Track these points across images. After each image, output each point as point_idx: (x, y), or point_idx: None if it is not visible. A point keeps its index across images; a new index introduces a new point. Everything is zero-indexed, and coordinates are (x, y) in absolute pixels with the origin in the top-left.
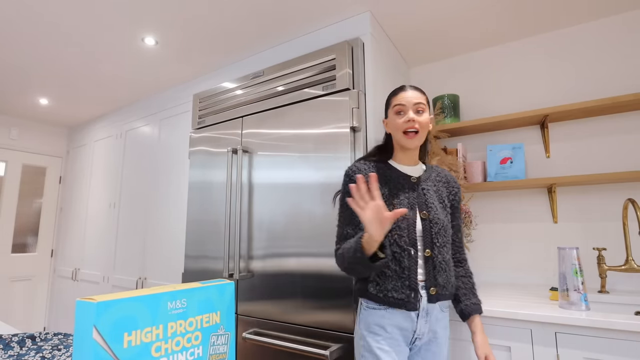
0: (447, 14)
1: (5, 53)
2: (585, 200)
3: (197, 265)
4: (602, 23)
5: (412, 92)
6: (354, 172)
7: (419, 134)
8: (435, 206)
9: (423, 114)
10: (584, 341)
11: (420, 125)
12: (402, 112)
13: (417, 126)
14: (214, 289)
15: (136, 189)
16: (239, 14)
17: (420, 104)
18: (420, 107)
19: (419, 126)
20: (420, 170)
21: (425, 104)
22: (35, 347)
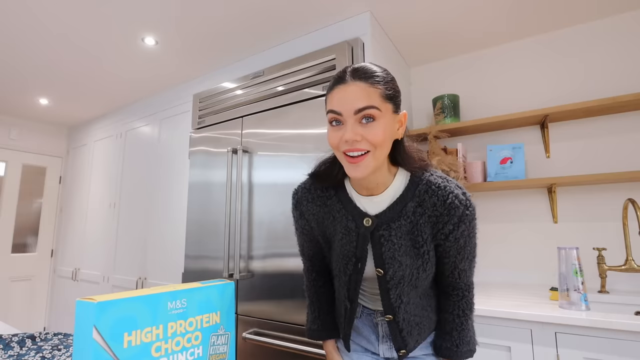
0: (447, 14)
1: (5, 53)
2: (585, 200)
3: (197, 265)
4: (602, 23)
5: (355, 86)
6: (298, 204)
7: (369, 155)
8: (397, 259)
9: (375, 123)
10: (584, 341)
11: (369, 144)
12: (338, 122)
13: (361, 147)
14: (214, 289)
15: (136, 189)
16: (239, 14)
17: (367, 109)
18: (368, 112)
19: (367, 145)
20: (389, 199)
21: (378, 106)
22: (35, 347)
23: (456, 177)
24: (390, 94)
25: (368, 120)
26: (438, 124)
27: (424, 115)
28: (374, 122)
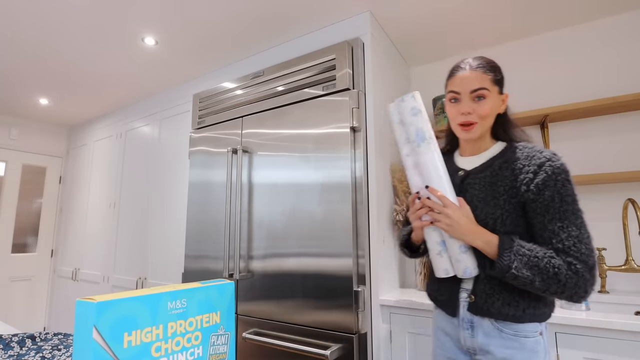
0: (447, 14)
1: (5, 53)
2: (585, 200)
3: (197, 265)
4: (602, 23)
5: (471, 73)
6: None
7: (477, 125)
8: (474, 204)
9: (485, 100)
10: (584, 341)
11: (479, 117)
12: (456, 100)
13: (472, 119)
14: (214, 289)
15: (136, 189)
16: (239, 14)
17: (480, 90)
18: (481, 92)
19: (477, 117)
20: (484, 159)
21: (488, 88)
22: (35, 347)
23: None
24: (498, 78)
25: (479, 99)
26: (438, 124)
27: None
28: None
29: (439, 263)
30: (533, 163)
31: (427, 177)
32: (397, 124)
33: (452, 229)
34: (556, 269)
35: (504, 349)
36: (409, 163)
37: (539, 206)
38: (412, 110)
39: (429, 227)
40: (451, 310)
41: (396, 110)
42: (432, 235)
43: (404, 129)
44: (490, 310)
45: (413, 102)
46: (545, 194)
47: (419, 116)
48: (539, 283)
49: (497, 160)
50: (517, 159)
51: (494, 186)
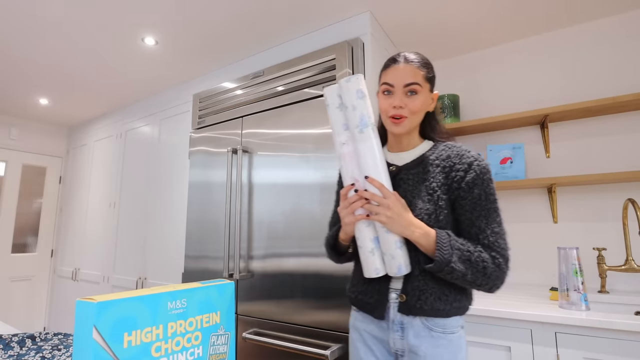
0: (447, 14)
1: (5, 53)
2: (585, 200)
3: (197, 265)
4: (602, 23)
5: (405, 66)
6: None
7: (408, 120)
8: (409, 200)
9: (416, 95)
10: (584, 341)
11: (409, 111)
12: (389, 93)
13: (403, 113)
14: (214, 289)
15: (136, 189)
16: (239, 14)
17: (413, 85)
18: (413, 87)
19: (409, 112)
20: (413, 155)
21: (420, 84)
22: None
23: None
24: (430, 76)
25: (412, 94)
26: None
27: None
28: (416, 95)
29: (370, 262)
30: (463, 162)
31: (366, 166)
32: (336, 108)
33: (392, 221)
34: (485, 262)
35: (433, 349)
36: (344, 151)
37: (468, 203)
38: (357, 92)
39: (361, 222)
40: (380, 313)
41: (336, 93)
42: (365, 232)
43: (343, 113)
44: (423, 307)
45: (359, 84)
46: (474, 191)
47: (364, 100)
48: (470, 276)
49: (428, 158)
50: (448, 157)
51: (427, 182)
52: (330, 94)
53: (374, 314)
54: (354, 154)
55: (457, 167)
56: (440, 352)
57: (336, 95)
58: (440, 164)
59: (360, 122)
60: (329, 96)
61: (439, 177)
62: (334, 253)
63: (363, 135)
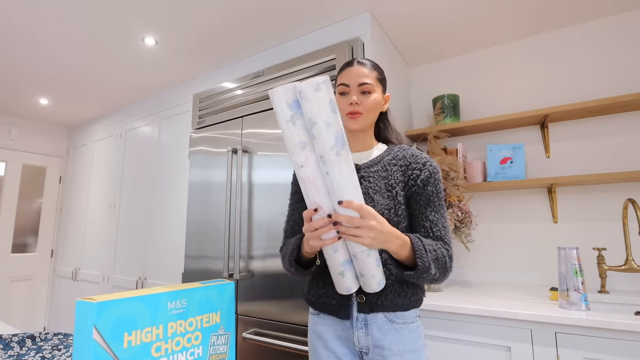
0: (447, 14)
1: (5, 53)
2: (585, 200)
3: (197, 265)
4: (602, 23)
5: (358, 69)
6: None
7: (363, 116)
8: (370, 196)
9: (370, 95)
10: (584, 341)
11: (364, 108)
12: (345, 93)
13: (359, 109)
14: (214, 289)
15: (136, 189)
16: (239, 14)
17: (365, 85)
18: (366, 87)
19: (364, 109)
20: (371, 155)
21: (373, 84)
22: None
23: (456, 177)
24: (381, 78)
25: (365, 93)
26: (438, 124)
27: (424, 115)
28: (369, 94)
29: (340, 282)
30: (418, 161)
31: (343, 191)
32: (287, 122)
33: (377, 240)
34: (444, 257)
35: (397, 339)
36: (304, 175)
37: (422, 199)
38: (330, 104)
39: (328, 247)
40: (344, 312)
41: (288, 99)
42: (334, 257)
43: (299, 128)
44: (384, 304)
45: (330, 93)
46: (428, 188)
47: (337, 113)
48: (438, 274)
49: (386, 157)
50: (404, 157)
51: (386, 180)
52: (279, 101)
53: (339, 314)
54: (319, 178)
55: (413, 165)
56: (403, 341)
57: (287, 105)
58: (397, 163)
59: (336, 143)
60: (277, 104)
61: (397, 175)
62: (298, 269)
63: (340, 158)
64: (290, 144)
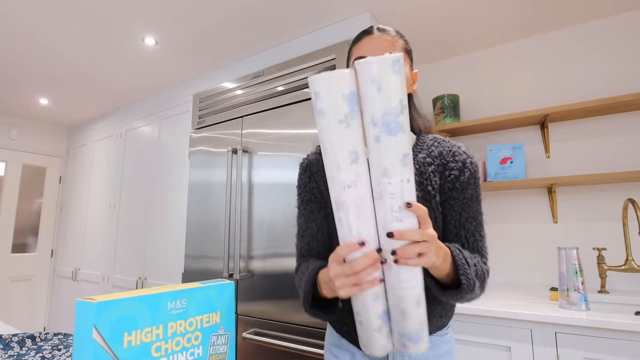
0: (447, 14)
1: (5, 53)
2: (585, 200)
3: (197, 265)
4: (602, 23)
5: (381, 37)
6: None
7: None
8: None
9: None
10: (584, 341)
11: None
12: None
13: None
14: (214, 289)
15: (136, 189)
16: (238, 14)
17: None
18: None
19: None
20: None
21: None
22: (35, 347)
23: None
24: (409, 49)
25: None
26: (438, 124)
27: None
28: None
29: (375, 341)
30: (457, 159)
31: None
32: (342, 122)
33: (437, 255)
34: (484, 273)
35: (436, 352)
36: (357, 197)
37: (459, 204)
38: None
39: (367, 294)
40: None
41: (351, 90)
42: (373, 308)
43: (360, 130)
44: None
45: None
46: (467, 192)
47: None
48: (479, 290)
49: (419, 155)
50: (441, 154)
51: (422, 186)
52: (331, 92)
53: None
54: (368, 202)
55: (452, 165)
56: (441, 353)
57: (344, 98)
58: (433, 162)
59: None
60: (328, 95)
61: (435, 179)
62: (318, 314)
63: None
64: (339, 154)
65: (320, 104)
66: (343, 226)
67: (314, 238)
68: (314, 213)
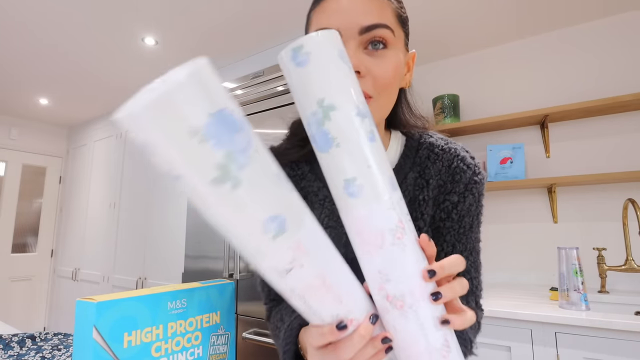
0: (447, 14)
1: (5, 53)
2: (585, 200)
3: (197, 265)
4: (602, 23)
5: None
6: None
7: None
8: None
9: (386, 51)
10: (584, 341)
11: (377, 82)
12: None
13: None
14: (214, 289)
15: (136, 189)
16: (239, 14)
17: (379, 28)
18: (380, 34)
19: (374, 83)
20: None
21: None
22: (35, 347)
23: None
24: (405, 16)
25: (377, 47)
26: (438, 124)
27: None
28: (385, 51)
29: None
30: (457, 180)
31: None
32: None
33: None
34: (480, 324)
35: None
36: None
37: (452, 234)
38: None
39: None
40: None
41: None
42: None
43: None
44: None
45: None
46: (465, 220)
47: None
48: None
49: (409, 175)
50: (438, 173)
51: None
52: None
53: None
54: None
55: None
56: None
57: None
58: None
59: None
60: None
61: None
62: None
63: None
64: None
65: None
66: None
67: None
68: None
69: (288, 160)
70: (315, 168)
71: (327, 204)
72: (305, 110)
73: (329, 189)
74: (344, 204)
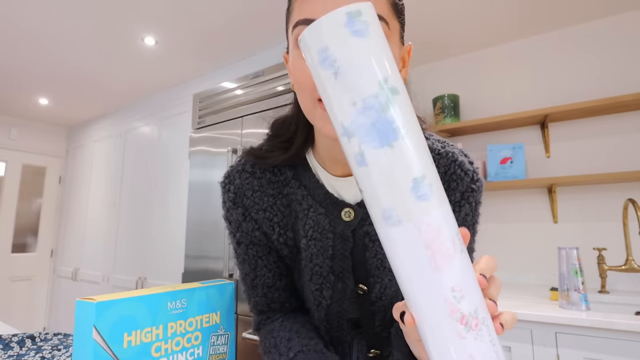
0: (447, 13)
1: (5, 53)
2: (585, 200)
3: (197, 265)
4: (602, 23)
5: None
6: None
7: None
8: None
9: None
10: (584, 341)
11: None
12: None
13: None
14: (214, 289)
15: (136, 189)
16: (239, 14)
17: None
18: None
19: None
20: None
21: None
22: (35, 347)
23: None
24: (401, 4)
25: None
26: (438, 124)
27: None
28: None
29: None
30: (454, 187)
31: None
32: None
33: None
34: None
35: None
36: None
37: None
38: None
39: None
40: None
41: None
42: None
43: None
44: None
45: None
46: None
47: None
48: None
49: None
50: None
51: None
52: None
53: None
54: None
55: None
56: None
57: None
58: None
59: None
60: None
61: None
62: None
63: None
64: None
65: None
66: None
67: (270, 288)
68: (262, 258)
69: (270, 165)
70: (299, 173)
71: (311, 214)
72: (360, 91)
73: (375, 197)
74: (408, 211)
